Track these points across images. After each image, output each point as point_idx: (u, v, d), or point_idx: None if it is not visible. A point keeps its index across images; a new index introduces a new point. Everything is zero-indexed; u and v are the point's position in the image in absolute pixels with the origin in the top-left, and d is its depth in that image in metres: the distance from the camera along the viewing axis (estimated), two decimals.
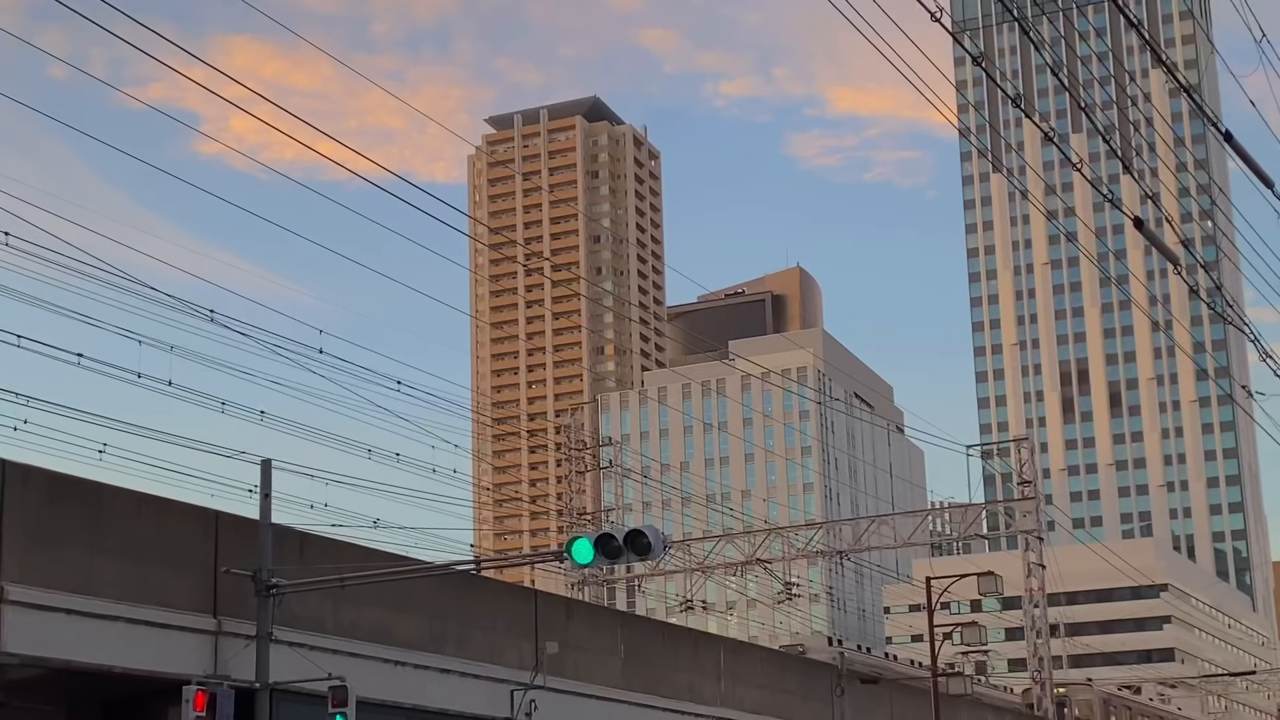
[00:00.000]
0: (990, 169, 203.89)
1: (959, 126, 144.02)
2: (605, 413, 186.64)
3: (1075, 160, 23.15)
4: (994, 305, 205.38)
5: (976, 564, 55.54)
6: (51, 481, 19.60)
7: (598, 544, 19.56)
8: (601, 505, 76.17)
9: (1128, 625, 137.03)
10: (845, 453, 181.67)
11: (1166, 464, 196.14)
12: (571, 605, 29.67)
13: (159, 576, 20.24)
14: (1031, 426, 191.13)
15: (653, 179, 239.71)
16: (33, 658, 18.46)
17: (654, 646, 30.93)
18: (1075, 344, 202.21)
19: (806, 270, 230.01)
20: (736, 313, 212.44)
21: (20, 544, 18.50)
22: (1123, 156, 27.13)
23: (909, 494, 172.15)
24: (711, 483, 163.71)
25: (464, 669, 25.06)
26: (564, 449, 62.17)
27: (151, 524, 20.66)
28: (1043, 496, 55.14)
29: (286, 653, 21.07)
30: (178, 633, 20.25)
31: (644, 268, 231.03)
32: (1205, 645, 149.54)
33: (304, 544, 22.98)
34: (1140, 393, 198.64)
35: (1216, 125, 18.61)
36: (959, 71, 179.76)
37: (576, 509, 57.62)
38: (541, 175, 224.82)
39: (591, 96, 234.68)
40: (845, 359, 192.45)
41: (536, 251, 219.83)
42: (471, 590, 25.80)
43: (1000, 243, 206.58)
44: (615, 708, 28.82)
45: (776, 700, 34.80)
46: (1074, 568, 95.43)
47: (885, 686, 40.18)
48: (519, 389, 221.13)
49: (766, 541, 54.54)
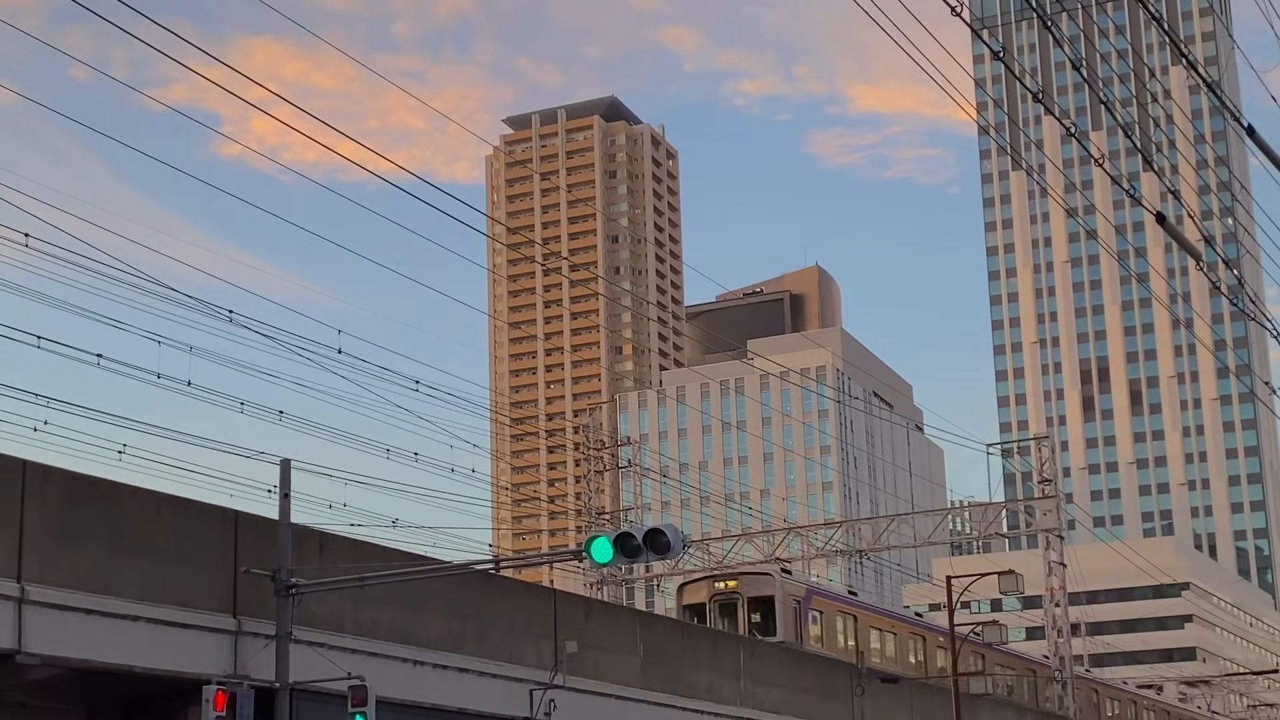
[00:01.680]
0: (1010, 166, 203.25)
1: (978, 121, 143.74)
2: (624, 412, 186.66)
3: (1096, 155, 22.92)
4: (1014, 303, 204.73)
5: (997, 563, 55.34)
6: (71, 482, 19.62)
7: (617, 543, 19.52)
8: (620, 505, 76.13)
9: (1149, 624, 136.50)
10: (864, 451, 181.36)
11: (1188, 462, 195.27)
12: (590, 604, 29.63)
13: (179, 576, 20.26)
14: (1052, 425, 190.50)
15: (671, 178, 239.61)
16: (53, 658, 18.49)
17: (673, 646, 30.86)
18: (1095, 342, 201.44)
19: (825, 269, 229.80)
20: (755, 312, 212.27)
21: (40, 544, 18.53)
22: (1144, 151, 26.92)
23: (929, 493, 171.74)
24: (730, 482, 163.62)
25: (483, 668, 25.03)
26: (582, 448, 62.12)
27: (171, 524, 20.68)
28: (1063, 495, 54.91)
29: (306, 652, 21.07)
30: (197, 632, 20.27)
31: (662, 267, 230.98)
32: (1227, 644, 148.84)
33: (323, 544, 22.98)
34: (1161, 390, 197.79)
35: (1239, 120, 18.46)
36: (978, 69, 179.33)
37: (595, 508, 57.54)
38: (559, 175, 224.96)
39: (609, 96, 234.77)
40: (864, 358, 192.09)
41: (555, 251, 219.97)
42: (490, 590, 25.77)
43: (1020, 240, 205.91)
44: (634, 707, 28.76)
45: (796, 700, 34.71)
46: (1095, 566, 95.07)
47: (905, 686, 40.04)
48: (537, 389, 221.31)
49: (785, 541, 54.47)
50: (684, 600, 39.83)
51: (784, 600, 37.63)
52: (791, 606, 37.66)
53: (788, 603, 37.70)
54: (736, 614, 38.08)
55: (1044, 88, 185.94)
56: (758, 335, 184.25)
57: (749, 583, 38.61)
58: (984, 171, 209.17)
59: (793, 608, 37.68)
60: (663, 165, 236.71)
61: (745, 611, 37.92)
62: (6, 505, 18.31)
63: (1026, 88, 18.68)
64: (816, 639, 38.92)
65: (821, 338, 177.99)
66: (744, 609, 38.05)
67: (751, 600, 37.95)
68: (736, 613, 38.11)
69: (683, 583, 40.67)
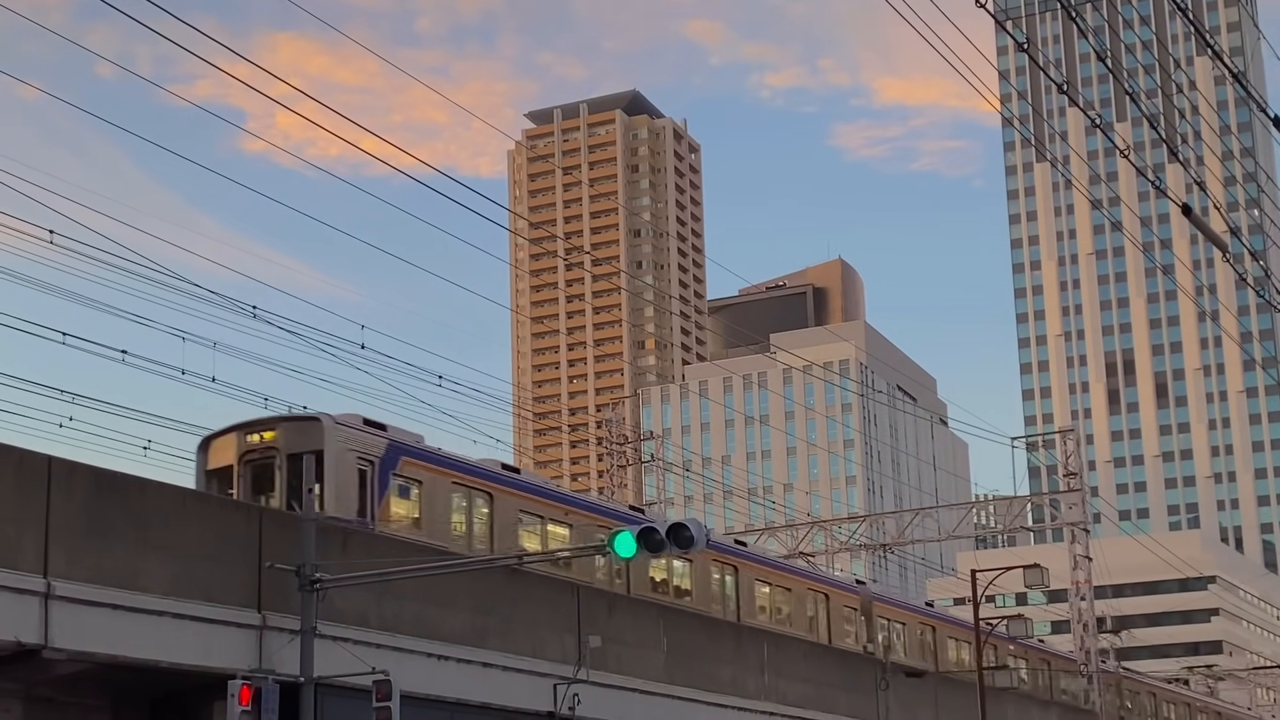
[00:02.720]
0: (1034, 158, 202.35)
1: (1002, 113, 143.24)
2: (646, 407, 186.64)
3: (1121, 147, 22.82)
4: (1038, 296, 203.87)
5: (1022, 557, 55.21)
6: (97, 477, 19.72)
7: (640, 538, 19.51)
8: (643, 499, 76.13)
9: (1175, 617, 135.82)
10: (888, 445, 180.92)
11: (1214, 455, 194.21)
12: (614, 599, 29.57)
13: (203, 571, 20.34)
14: (1077, 418, 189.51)
15: (693, 172, 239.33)
16: (79, 653, 18.59)
17: (697, 640, 30.84)
18: (1121, 334, 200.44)
19: (848, 262, 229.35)
20: (777, 306, 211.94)
21: (66, 540, 18.62)
22: (1169, 143, 26.79)
23: (953, 486, 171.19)
24: (753, 476, 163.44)
25: (507, 663, 25.07)
26: (605, 443, 62.16)
27: (196, 519, 20.77)
28: (1088, 488, 54.68)
29: (330, 647, 21.13)
30: (223, 628, 20.35)
31: (684, 261, 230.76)
32: (1254, 637, 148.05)
33: (347, 539, 23.04)
34: (1187, 383, 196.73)
35: (1265, 110, 18.30)
36: (1002, 61, 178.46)
37: (618, 503, 57.55)
38: (581, 169, 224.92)
39: (631, 90, 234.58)
40: (888, 351, 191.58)
41: (577, 246, 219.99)
42: (514, 584, 25.79)
43: (1044, 233, 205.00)
44: (659, 701, 28.76)
45: (820, 694, 34.66)
46: (1120, 560, 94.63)
47: (930, 680, 39.91)
48: (560, 383, 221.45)
49: (809, 535, 54.38)
50: (208, 463, 27.46)
51: (340, 458, 26.07)
52: (354, 468, 26.21)
53: (347, 462, 26.19)
54: (274, 478, 26.51)
55: (1068, 79, 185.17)
56: (781, 329, 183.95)
57: (291, 433, 26.66)
58: (1008, 164, 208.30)
59: (356, 470, 26.24)
60: (685, 159, 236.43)
61: (284, 475, 26.17)
62: (33, 501, 18.41)
63: (1051, 79, 18.58)
64: (407, 521, 27.28)
65: (845, 331, 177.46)
66: (283, 472, 26.27)
67: (293, 459, 25.44)
68: (274, 477, 26.52)
69: (206, 437, 27.65)
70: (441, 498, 27.64)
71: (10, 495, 18.22)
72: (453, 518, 27.81)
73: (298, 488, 22.53)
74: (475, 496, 28.41)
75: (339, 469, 25.96)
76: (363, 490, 26.30)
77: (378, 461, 26.56)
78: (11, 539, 17.99)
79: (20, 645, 17.91)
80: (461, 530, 27.97)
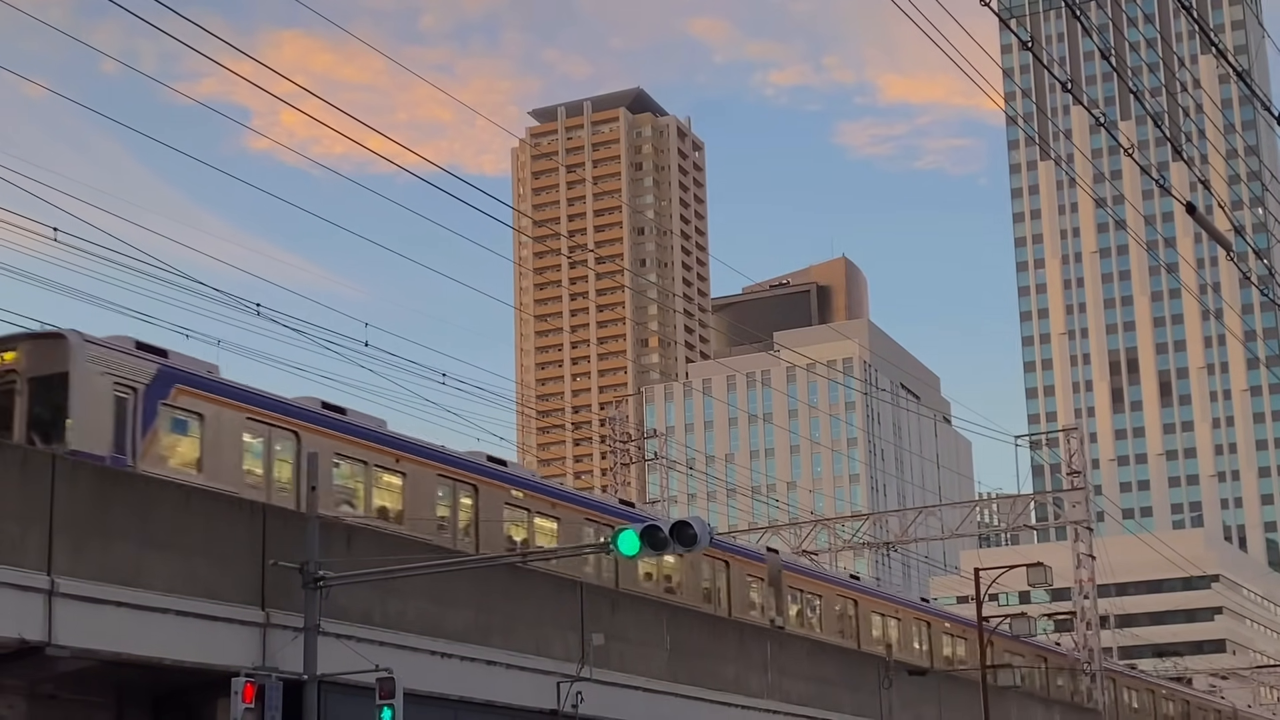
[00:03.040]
0: (1038, 156, 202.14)
1: (1006, 111, 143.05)
2: (650, 405, 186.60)
3: (1125, 145, 22.74)
4: (1042, 294, 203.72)
5: (1025, 555, 55.09)
6: (100, 475, 19.74)
7: (643, 536, 19.51)
8: (646, 497, 76.12)
9: (1178, 616, 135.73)
10: (891, 444, 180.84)
11: (1217, 454, 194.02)
12: (617, 597, 29.57)
13: (207, 569, 20.36)
14: (1080, 416, 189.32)
15: (697, 170, 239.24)
16: (83, 650, 18.62)
17: (700, 638, 30.84)
18: (1125, 333, 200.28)
19: (852, 261, 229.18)
20: (781, 304, 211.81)
21: (70, 538, 18.65)
22: (1173, 141, 26.87)
23: (956, 485, 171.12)
24: (756, 474, 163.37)
25: (510, 661, 25.08)
26: (608, 441, 62.18)
27: (199, 517, 20.78)
28: (1092, 487, 54.69)
29: (334, 645, 21.15)
30: (226, 625, 20.37)
31: (688, 259, 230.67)
32: (1257, 636, 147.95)
33: (351, 536, 23.05)
34: (1191, 382, 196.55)
35: (1269, 109, 18.29)
36: (1006, 59, 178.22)
37: (621, 501, 57.57)
38: (585, 167, 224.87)
39: (635, 88, 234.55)
40: (891, 349, 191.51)
41: (580, 244, 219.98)
42: (517, 582, 25.80)
43: (1048, 231, 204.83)
44: (662, 699, 28.75)
45: (823, 692, 34.65)
46: (1124, 559, 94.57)
47: (933, 678, 39.90)
48: (563, 381, 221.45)
49: (812, 533, 54.38)
50: None
51: (88, 382, 21.58)
52: (110, 394, 21.77)
53: (99, 388, 21.69)
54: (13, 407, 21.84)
55: (1073, 77, 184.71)
56: (784, 327, 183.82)
57: (33, 354, 22.05)
58: (1012, 161, 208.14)
59: (113, 396, 21.81)
60: (689, 157, 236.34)
61: (27, 403, 21.80)
62: (37, 499, 18.43)
63: (1055, 77, 18.57)
64: (183, 461, 22.96)
65: (848, 329, 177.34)
66: (24, 399, 21.82)
67: (37, 383, 21.66)
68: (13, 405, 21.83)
69: None
70: (230, 436, 23.45)
71: (14, 493, 18.24)
72: (245, 460, 23.78)
73: (45, 419, 19.84)
74: (277, 436, 24.19)
75: (87, 395, 21.56)
76: (120, 422, 21.93)
77: (141, 388, 22.24)
78: (15, 536, 18.01)
79: (24, 642, 17.94)
80: (259, 475, 24.03)
